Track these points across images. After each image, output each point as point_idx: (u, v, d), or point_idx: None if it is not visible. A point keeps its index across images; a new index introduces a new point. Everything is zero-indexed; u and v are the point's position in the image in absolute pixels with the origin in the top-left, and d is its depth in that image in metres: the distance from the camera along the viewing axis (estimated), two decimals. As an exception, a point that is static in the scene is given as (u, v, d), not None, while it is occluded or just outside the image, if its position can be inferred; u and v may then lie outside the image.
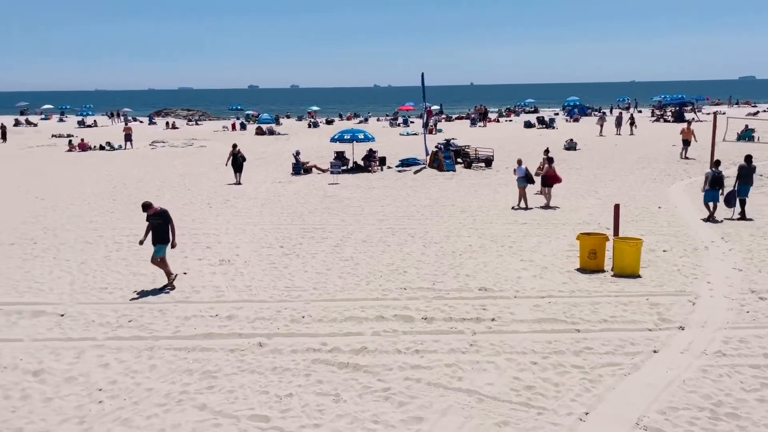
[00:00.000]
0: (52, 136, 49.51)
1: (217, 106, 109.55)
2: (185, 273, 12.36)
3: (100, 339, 9.06)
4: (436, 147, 28.33)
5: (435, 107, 56.50)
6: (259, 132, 49.76)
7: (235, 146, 25.31)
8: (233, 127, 56.18)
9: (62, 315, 10.04)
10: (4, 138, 45.33)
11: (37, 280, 12.02)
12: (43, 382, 7.68)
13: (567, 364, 7.93)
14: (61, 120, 70.88)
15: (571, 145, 33.39)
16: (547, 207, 18.46)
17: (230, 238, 15.44)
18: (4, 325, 9.64)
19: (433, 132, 39.45)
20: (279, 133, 50.00)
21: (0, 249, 14.44)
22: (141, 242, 11.64)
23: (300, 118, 71.02)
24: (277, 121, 59.85)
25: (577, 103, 69.99)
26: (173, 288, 11.34)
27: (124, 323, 9.68)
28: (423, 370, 7.87)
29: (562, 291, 10.83)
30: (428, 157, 28.44)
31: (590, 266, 11.97)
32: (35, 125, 63.73)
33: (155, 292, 11.17)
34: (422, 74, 30.12)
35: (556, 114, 64.35)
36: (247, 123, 59.89)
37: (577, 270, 12.02)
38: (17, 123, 63.49)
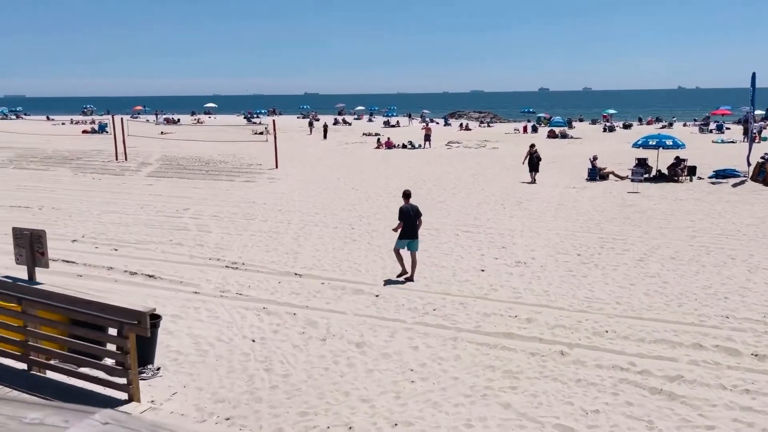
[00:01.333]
0: (363, 134, 55.59)
1: (506, 109, 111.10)
2: (482, 270, 12.69)
3: (409, 322, 9.79)
4: (763, 157, 24.48)
5: (759, 112, 49.01)
6: (551, 135, 49.02)
7: (532, 146, 25.85)
8: (524, 129, 56.34)
9: (377, 296, 11.12)
10: (325, 136, 52.32)
11: (356, 261, 13.52)
12: (364, 354, 8.57)
13: None
14: (370, 120, 79.31)
15: None
16: None
17: (525, 240, 15.42)
18: (331, 298, 11.04)
19: (757, 140, 34.24)
20: (572, 137, 48.63)
21: (326, 231, 16.63)
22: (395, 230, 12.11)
23: (594, 122, 68.12)
24: (569, 125, 58.31)
25: None
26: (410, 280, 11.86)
27: (429, 311, 10.31)
28: (756, 414, 6.79)
29: None
30: (751, 169, 24.74)
31: None
32: (350, 124, 72.35)
33: (457, 285, 11.69)
34: (753, 74, 26.24)
35: None
36: (538, 126, 59.52)
37: None
38: (336, 122, 72.83)
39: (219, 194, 22.81)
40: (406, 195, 12.41)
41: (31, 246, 7.28)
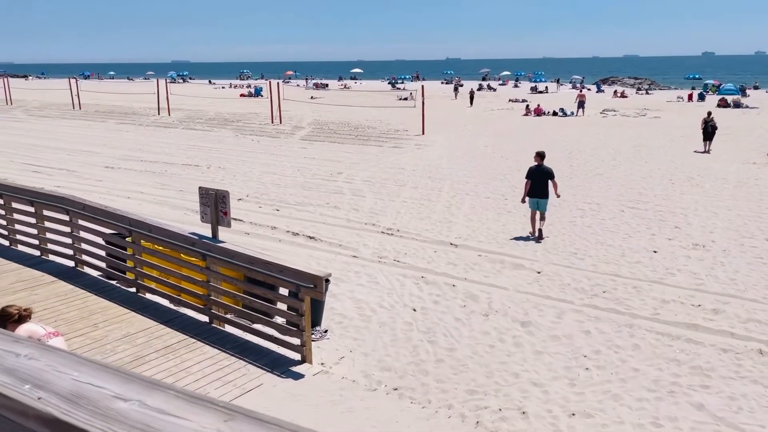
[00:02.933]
0: (509, 100, 53.84)
1: (665, 75, 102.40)
2: (655, 252, 11.65)
3: (577, 304, 9.19)
4: None
5: None
6: (722, 104, 44.34)
7: (709, 114, 24.16)
8: (689, 97, 51.50)
9: (539, 272, 10.58)
10: (471, 102, 51.29)
11: (512, 234, 13.00)
12: (530, 334, 8.16)
13: None
14: (515, 86, 76.71)
15: None
16: None
17: (701, 220, 13.97)
18: (490, 272, 10.68)
19: None
20: (747, 106, 43.68)
21: (478, 200, 16.20)
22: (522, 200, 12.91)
23: (772, 90, 60.79)
24: (743, 93, 52.45)
25: None
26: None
27: (598, 293, 9.62)
28: None
29: None
30: None
31: None
32: (494, 90, 70.46)
33: (627, 266, 10.82)
34: None
35: None
36: (705, 94, 54.14)
37: None
38: (480, 87, 71.23)
39: (369, 159, 23.09)
40: (539, 155, 13.07)
41: (215, 205, 7.61)
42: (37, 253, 9.89)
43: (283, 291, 7.61)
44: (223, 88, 76.15)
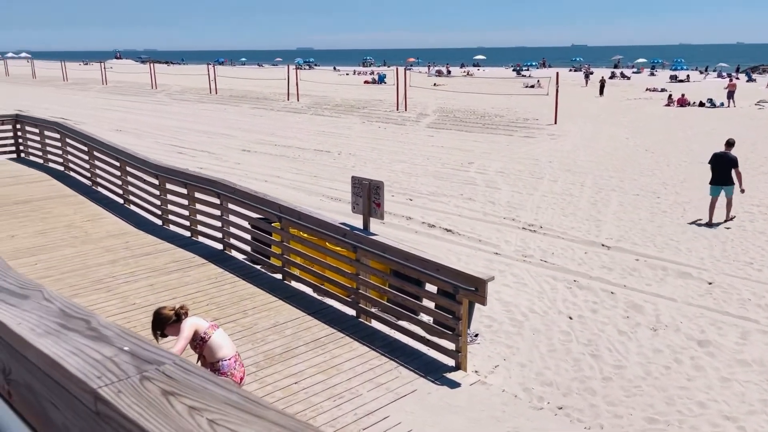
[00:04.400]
0: (646, 90, 50.28)
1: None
2: None
3: (763, 323, 8.01)
4: None
5: None
6: None
7: None
8: None
9: (710, 283, 9.41)
10: (602, 91, 48.37)
11: (671, 237, 11.77)
12: (711, 356, 7.16)
13: None
14: (652, 74, 71.73)
15: None
16: None
17: None
18: (652, 279, 9.65)
19: None
20: None
21: (626, 198, 14.93)
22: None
23: None
24: None
25: None
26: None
27: (788, 312, 8.35)
28: None
29: None
30: None
31: None
32: (628, 78, 66.26)
33: (816, 282, 9.38)
34: None
35: None
36: None
37: None
38: (612, 75, 67.27)
39: (499, 149, 22.21)
40: (728, 144, 12.82)
41: (368, 196, 7.29)
42: (187, 234, 10.13)
43: (429, 287, 7.20)
44: (347, 74, 77.42)
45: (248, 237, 9.30)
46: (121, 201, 11.84)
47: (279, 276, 8.62)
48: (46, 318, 1.26)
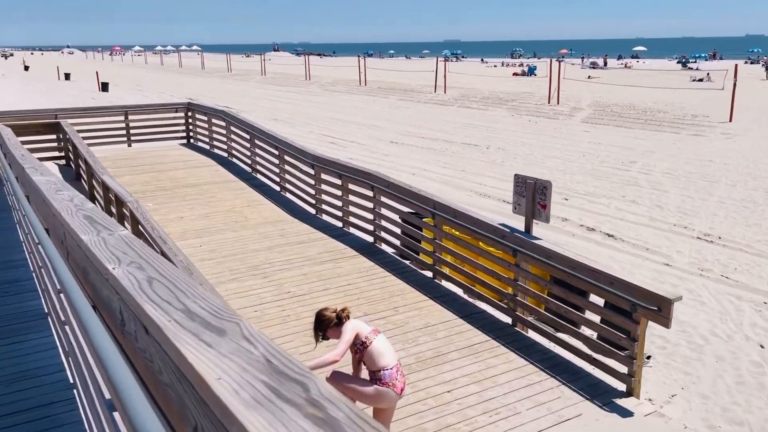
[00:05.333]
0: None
1: None
2: None
3: None
4: None
5: None
6: None
7: None
8: None
9: None
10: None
11: None
12: None
13: None
14: None
15: None
16: None
17: None
18: None
19: None
20: None
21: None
22: None
23: None
24: None
25: None
26: None
27: None
28: None
29: None
30: None
31: None
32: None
33: None
34: None
35: None
36: None
37: None
38: (797, 69, 59.71)
39: (665, 148, 20.35)
40: None
41: (532, 196, 6.75)
42: (339, 224, 10.18)
43: (594, 298, 6.53)
44: (495, 66, 75.90)
45: (397, 230, 9.13)
46: (278, 188, 12.22)
47: (429, 274, 8.34)
48: (251, 372, 0.96)
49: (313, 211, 10.85)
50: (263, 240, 9.42)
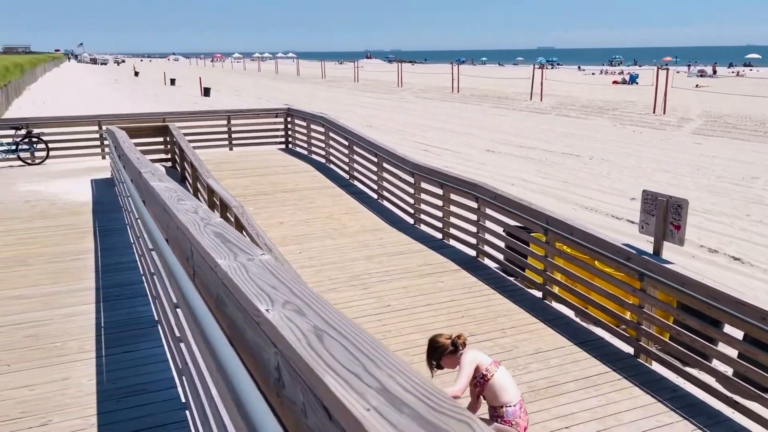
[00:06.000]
0: None
1: None
2: None
3: None
4: None
5: None
6: None
7: None
8: None
9: None
10: None
11: None
12: None
13: None
14: None
15: None
16: None
17: None
18: None
19: None
20: None
21: None
22: None
23: None
24: None
25: None
26: None
27: None
28: None
29: None
30: None
31: None
32: None
33: None
34: None
35: None
36: None
37: None
38: None
39: (790, 163, 18.61)
40: None
41: (664, 215, 6.10)
42: (438, 235, 9.81)
43: (728, 328, 5.80)
44: (593, 74, 73.21)
45: (501, 245, 8.64)
46: (375, 196, 12.01)
47: (536, 293, 7.81)
48: None
49: (411, 220, 10.55)
50: (362, 249, 9.19)
